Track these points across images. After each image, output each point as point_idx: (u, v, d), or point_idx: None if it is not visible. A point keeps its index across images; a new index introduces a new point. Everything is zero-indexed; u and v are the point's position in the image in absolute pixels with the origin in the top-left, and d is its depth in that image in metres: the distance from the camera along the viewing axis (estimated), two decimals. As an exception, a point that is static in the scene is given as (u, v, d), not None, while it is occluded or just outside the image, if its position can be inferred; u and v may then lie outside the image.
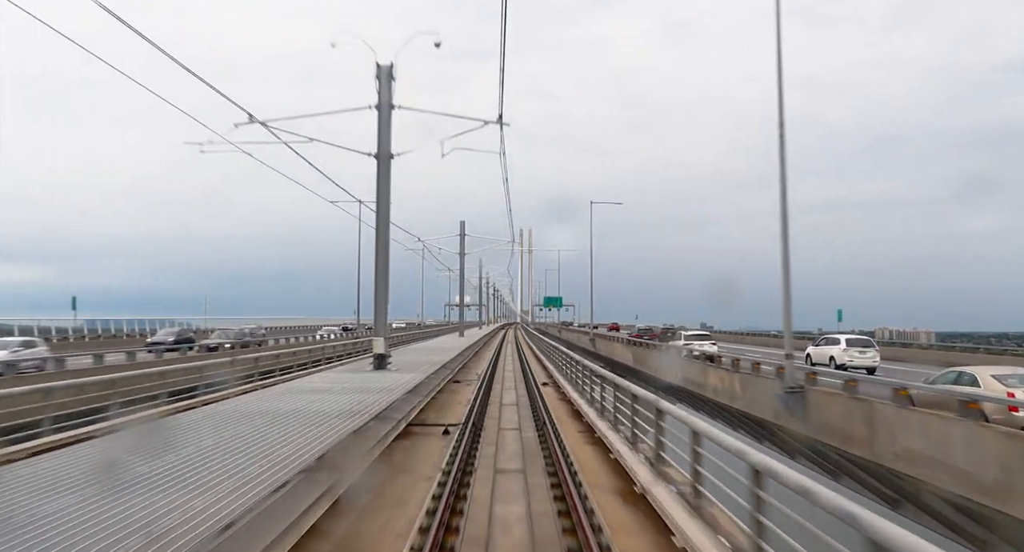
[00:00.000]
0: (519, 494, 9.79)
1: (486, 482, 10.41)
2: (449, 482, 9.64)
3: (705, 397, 28.72)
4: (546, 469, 11.25)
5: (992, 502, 12.12)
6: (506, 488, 10.15)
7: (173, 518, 5.40)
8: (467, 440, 13.10)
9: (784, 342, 19.56)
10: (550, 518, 8.46)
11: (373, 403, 12.49)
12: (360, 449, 9.72)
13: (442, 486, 9.48)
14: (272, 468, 7.11)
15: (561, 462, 11.12)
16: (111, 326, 52.06)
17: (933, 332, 46.26)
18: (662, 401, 9.98)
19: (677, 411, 9.54)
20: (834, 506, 4.22)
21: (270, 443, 8.72)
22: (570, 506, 8.63)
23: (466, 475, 10.63)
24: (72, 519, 5.45)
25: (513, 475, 11.03)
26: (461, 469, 10.73)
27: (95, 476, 7.06)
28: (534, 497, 9.54)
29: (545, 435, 14.07)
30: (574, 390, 20.07)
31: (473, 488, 9.95)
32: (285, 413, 11.45)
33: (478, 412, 17.08)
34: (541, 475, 10.88)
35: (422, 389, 16.85)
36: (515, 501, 9.39)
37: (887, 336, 53.89)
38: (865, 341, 31.24)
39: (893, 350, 39.28)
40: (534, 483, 10.38)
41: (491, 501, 9.32)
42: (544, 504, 9.13)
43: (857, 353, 29.12)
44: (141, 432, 10.69)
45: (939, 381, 17.47)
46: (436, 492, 9.20)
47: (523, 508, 9.01)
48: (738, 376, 25.56)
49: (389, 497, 9.40)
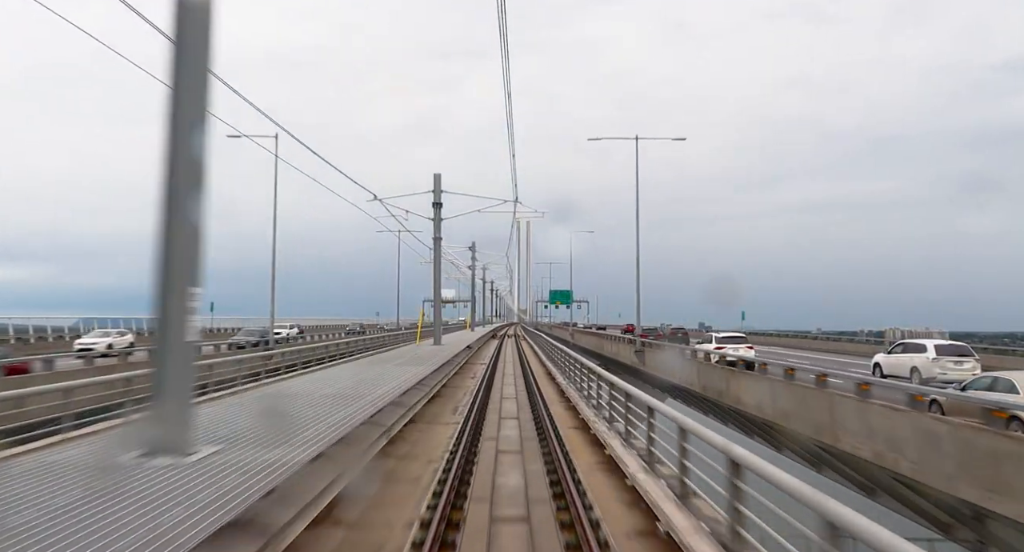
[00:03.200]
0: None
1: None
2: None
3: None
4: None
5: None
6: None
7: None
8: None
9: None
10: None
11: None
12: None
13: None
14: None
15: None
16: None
17: (946, 332, 45.54)
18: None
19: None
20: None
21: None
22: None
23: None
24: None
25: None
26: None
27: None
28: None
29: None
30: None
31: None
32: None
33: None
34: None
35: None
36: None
37: (897, 337, 53.23)
38: (961, 348, 23.12)
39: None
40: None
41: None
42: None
43: (952, 364, 21.65)
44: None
45: (970, 387, 16.98)
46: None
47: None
48: (825, 396, 19.35)
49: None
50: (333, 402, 13.26)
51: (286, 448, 7.97)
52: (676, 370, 33.57)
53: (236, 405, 13.12)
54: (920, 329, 52.00)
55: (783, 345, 54.00)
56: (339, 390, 15.69)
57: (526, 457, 12.53)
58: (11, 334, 40.70)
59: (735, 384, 26.78)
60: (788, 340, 59.55)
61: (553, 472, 10.87)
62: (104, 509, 5.45)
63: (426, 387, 17.95)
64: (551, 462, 11.66)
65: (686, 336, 56.78)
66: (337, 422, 10.45)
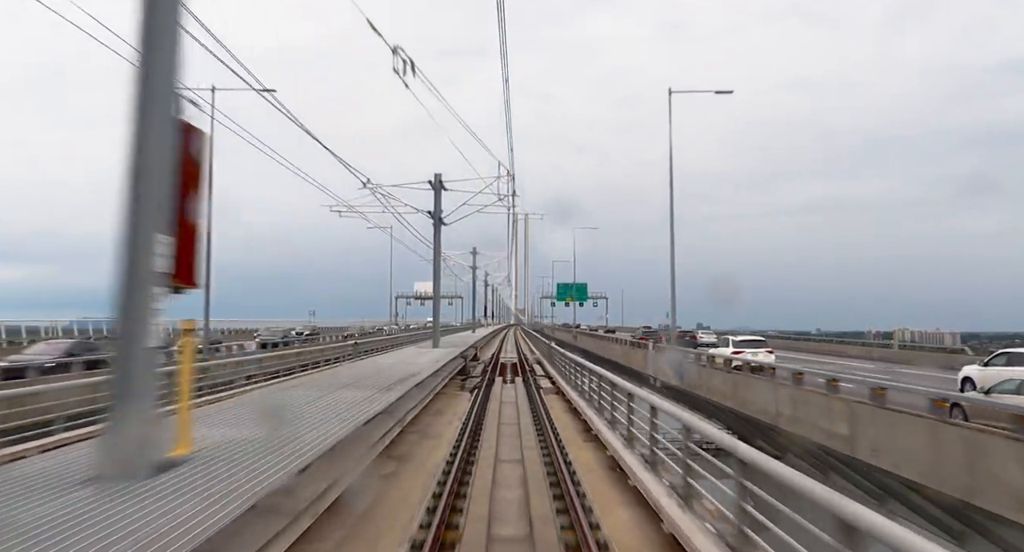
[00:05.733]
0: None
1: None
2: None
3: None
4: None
5: None
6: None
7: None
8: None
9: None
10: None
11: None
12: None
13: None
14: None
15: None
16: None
17: (958, 333, 44.60)
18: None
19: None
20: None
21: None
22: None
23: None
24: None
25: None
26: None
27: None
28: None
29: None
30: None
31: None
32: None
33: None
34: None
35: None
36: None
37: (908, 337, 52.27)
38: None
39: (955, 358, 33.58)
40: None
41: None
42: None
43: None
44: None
45: (995, 391, 16.18)
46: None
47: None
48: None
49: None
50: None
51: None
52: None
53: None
54: (931, 330, 51.15)
55: (796, 349, 49.12)
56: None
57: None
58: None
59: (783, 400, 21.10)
60: (795, 343, 55.37)
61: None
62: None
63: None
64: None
65: (694, 340, 50.30)
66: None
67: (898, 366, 34.67)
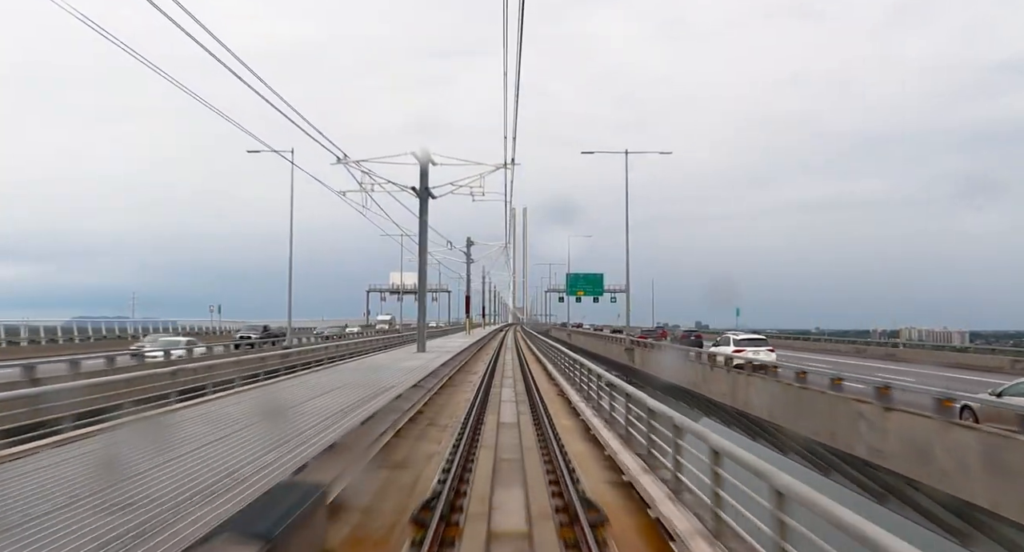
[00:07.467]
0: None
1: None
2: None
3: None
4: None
5: None
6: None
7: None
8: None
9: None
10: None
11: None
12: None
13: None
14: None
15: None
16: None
17: (967, 332, 43.95)
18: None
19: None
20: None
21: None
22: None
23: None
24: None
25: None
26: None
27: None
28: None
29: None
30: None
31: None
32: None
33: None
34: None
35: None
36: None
37: (913, 336, 51.76)
38: None
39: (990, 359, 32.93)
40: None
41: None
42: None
43: None
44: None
45: (1008, 393, 15.63)
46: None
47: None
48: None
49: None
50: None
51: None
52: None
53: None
54: (939, 329, 50.60)
55: (801, 349, 46.88)
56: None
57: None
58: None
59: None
60: (798, 342, 53.48)
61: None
62: None
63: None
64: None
65: (700, 340, 46.69)
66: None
67: (914, 366, 33.86)
